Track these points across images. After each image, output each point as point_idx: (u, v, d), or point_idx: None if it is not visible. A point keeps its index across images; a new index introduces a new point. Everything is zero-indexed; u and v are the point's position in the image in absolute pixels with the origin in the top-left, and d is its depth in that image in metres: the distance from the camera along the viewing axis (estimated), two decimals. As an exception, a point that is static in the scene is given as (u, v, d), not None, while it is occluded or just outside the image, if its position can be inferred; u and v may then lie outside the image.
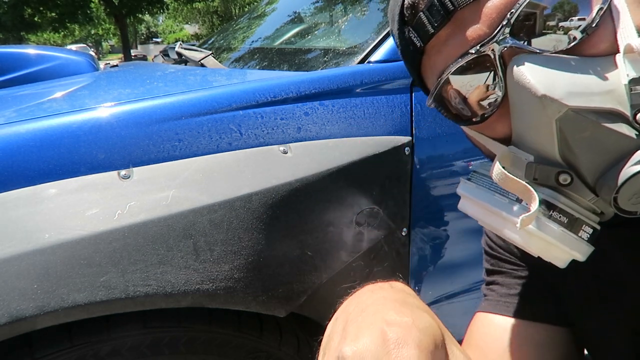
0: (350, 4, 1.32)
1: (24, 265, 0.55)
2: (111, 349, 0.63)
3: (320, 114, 0.78)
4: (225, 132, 0.73)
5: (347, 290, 0.47)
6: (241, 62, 1.29)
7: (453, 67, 0.40)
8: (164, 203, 0.63)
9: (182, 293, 0.60)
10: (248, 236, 0.65)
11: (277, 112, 0.77)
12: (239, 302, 0.65)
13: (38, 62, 1.58)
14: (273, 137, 0.75)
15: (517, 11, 0.36)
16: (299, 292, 0.68)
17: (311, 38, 1.24)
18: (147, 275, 0.59)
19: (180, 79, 1.10)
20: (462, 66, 0.40)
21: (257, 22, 1.70)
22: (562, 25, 0.37)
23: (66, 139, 0.66)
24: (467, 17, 0.39)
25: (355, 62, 0.90)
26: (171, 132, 0.70)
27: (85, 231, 0.58)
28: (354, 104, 0.81)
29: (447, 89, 0.43)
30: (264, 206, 0.66)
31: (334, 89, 0.81)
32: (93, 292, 0.56)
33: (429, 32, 0.41)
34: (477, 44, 0.38)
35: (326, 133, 0.78)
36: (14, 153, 0.64)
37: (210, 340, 0.70)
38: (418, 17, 0.42)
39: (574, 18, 0.37)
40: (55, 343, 0.61)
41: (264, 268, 0.66)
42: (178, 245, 0.61)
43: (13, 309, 0.53)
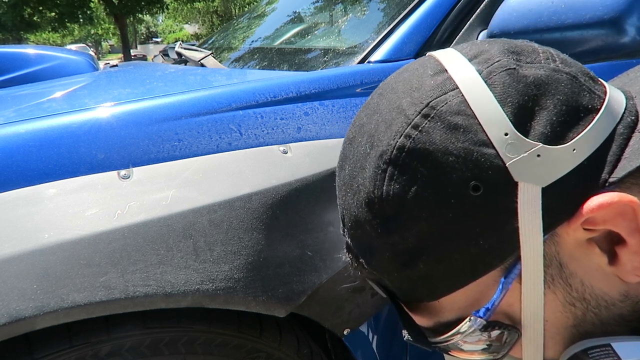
0: (350, 4, 1.32)
1: (24, 266, 0.55)
2: (111, 349, 0.63)
3: (320, 114, 0.78)
4: (225, 132, 0.73)
5: (347, 290, 0.46)
6: (241, 62, 1.29)
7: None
8: (164, 203, 0.63)
9: (182, 293, 0.60)
10: (248, 236, 0.65)
11: (277, 112, 0.76)
12: (239, 302, 0.65)
13: (37, 62, 1.58)
14: (273, 137, 0.75)
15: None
16: (299, 292, 0.68)
17: (311, 38, 1.24)
18: (146, 275, 0.59)
19: (180, 78, 1.10)
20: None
21: (257, 22, 1.70)
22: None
23: (66, 139, 0.66)
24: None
25: (355, 62, 0.90)
26: (171, 132, 0.70)
27: (85, 231, 0.58)
28: (354, 104, 0.81)
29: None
30: (264, 206, 0.66)
31: (334, 89, 0.81)
32: (93, 292, 0.56)
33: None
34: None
35: (326, 133, 0.77)
36: (14, 153, 0.64)
37: (210, 340, 0.70)
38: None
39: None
40: (54, 343, 0.61)
41: (264, 268, 0.66)
42: (178, 246, 0.61)
43: (12, 309, 0.53)
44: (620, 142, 0.35)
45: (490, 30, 0.87)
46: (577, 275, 0.37)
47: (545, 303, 0.37)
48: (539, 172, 0.34)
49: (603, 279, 0.36)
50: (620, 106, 0.37)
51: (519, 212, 0.34)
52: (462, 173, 0.34)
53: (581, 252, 0.36)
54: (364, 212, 0.39)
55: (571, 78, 0.36)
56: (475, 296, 0.38)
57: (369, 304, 0.78)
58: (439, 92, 0.36)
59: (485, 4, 0.92)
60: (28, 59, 1.59)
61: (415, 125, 0.36)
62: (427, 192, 0.35)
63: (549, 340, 0.39)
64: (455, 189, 0.35)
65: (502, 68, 0.36)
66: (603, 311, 0.38)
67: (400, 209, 0.36)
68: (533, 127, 0.34)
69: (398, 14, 0.93)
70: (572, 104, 0.35)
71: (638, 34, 0.79)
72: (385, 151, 0.37)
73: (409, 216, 0.36)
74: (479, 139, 0.34)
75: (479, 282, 0.37)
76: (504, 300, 0.37)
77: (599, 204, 0.34)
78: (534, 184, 0.34)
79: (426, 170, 0.35)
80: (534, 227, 0.34)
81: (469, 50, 0.39)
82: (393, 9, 0.99)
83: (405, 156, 0.36)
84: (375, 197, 0.37)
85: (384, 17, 1.02)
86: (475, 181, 0.34)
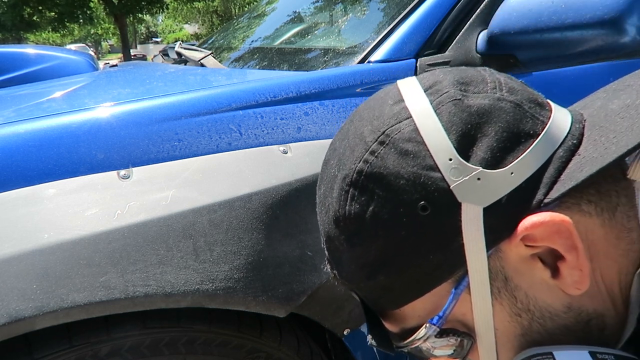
0: (350, 4, 1.32)
1: (23, 266, 0.55)
2: (110, 349, 0.63)
3: (320, 114, 0.78)
4: (225, 132, 0.73)
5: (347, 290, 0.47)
6: (241, 62, 1.29)
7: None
8: (164, 203, 0.62)
9: (182, 293, 0.60)
10: (248, 236, 0.65)
11: (277, 112, 0.76)
12: (239, 303, 0.65)
13: (37, 62, 1.58)
14: (273, 137, 0.75)
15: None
16: (299, 292, 0.68)
17: (311, 38, 1.24)
18: (146, 275, 0.59)
19: (180, 78, 1.10)
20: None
21: (257, 22, 1.70)
22: None
23: (65, 139, 0.66)
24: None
25: (355, 62, 0.90)
26: (171, 132, 0.70)
27: (84, 231, 0.58)
28: (354, 104, 0.81)
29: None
30: (264, 206, 0.66)
31: (334, 88, 0.81)
32: (92, 292, 0.56)
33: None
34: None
35: (326, 133, 0.77)
36: (14, 153, 0.64)
37: (210, 340, 0.70)
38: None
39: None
40: (54, 343, 0.61)
41: (263, 268, 0.66)
42: (178, 246, 0.61)
43: (12, 309, 0.53)
44: (558, 165, 0.38)
45: (490, 30, 0.87)
46: (522, 288, 0.40)
47: (494, 313, 0.40)
48: (480, 194, 0.37)
49: (547, 291, 0.39)
50: (563, 130, 0.40)
51: (463, 230, 0.37)
52: (412, 195, 0.38)
53: (525, 266, 0.39)
54: (333, 229, 0.43)
55: (515, 106, 0.39)
56: (432, 305, 0.42)
57: (369, 304, 0.78)
58: (394, 120, 0.40)
59: (485, 4, 0.92)
60: (28, 58, 1.59)
61: (372, 151, 0.40)
62: (382, 211, 0.39)
63: (501, 347, 0.42)
64: (406, 209, 0.38)
65: (450, 99, 0.40)
66: (548, 322, 0.41)
67: (361, 226, 0.40)
68: (475, 152, 0.38)
69: (398, 14, 0.93)
70: (513, 131, 0.38)
71: (638, 34, 0.79)
72: (348, 174, 0.41)
73: (368, 233, 0.40)
74: (427, 164, 0.38)
75: (434, 292, 0.41)
76: (458, 309, 0.41)
77: (532, 223, 0.37)
78: (476, 204, 0.37)
79: (381, 191, 0.39)
80: (478, 243, 0.38)
81: (427, 80, 0.43)
82: (393, 9, 0.99)
83: (363, 179, 0.40)
84: (340, 215, 0.41)
85: (384, 17, 1.02)
86: (424, 202, 0.38)
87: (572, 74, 0.94)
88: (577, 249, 0.37)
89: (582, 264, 0.37)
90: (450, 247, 0.38)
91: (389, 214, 0.39)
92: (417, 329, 0.43)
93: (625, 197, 0.40)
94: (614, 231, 0.40)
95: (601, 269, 0.40)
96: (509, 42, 0.86)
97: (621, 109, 0.41)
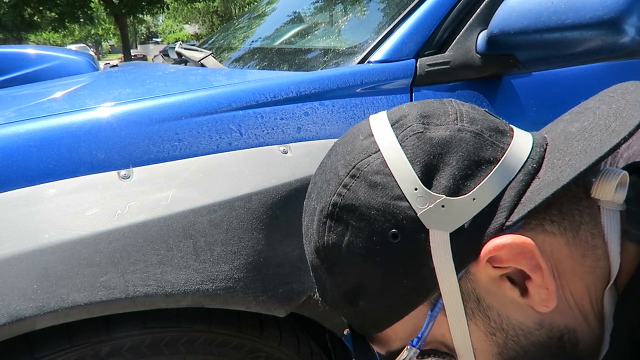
0: (350, 4, 1.32)
1: (24, 265, 0.55)
2: (111, 349, 0.63)
3: (320, 114, 0.78)
4: (225, 132, 0.73)
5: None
6: (241, 62, 1.29)
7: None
8: (164, 203, 0.63)
9: (182, 293, 0.60)
10: (248, 236, 0.65)
11: (277, 112, 0.76)
12: (239, 302, 0.65)
13: (38, 62, 1.59)
14: (273, 137, 0.75)
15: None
16: (299, 292, 0.68)
17: (311, 38, 1.24)
18: (147, 275, 0.59)
19: (180, 79, 1.10)
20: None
21: (257, 22, 1.70)
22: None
23: (66, 139, 0.66)
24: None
25: (355, 62, 0.90)
26: (171, 132, 0.70)
27: (85, 231, 0.58)
28: (354, 104, 0.81)
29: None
30: (264, 206, 0.66)
31: (334, 89, 0.81)
32: (93, 292, 0.56)
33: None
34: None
35: (326, 133, 0.77)
36: (14, 153, 0.64)
37: (210, 340, 0.70)
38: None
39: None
40: (54, 343, 0.61)
41: (264, 268, 0.66)
42: (178, 245, 0.61)
43: (13, 309, 0.53)
44: (518, 189, 0.40)
45: (490, 30, 0.87)
46: (494, 308, 0.41)
47: (470, 333, 0.42)
48: (445, 220, 0.39)
49: (518, 310, 0.41)
50: (523, 155, 0.41)
51: (433, 255, 0.39)
52: (383, 223, 0.40)
53: (495, 286, 0.41)
54: (315, 259, 0.45)
55: (475, 135, 0.41)
56: (412, 328, 0.43)
57: (369, 303, 0.78)
58: (364, 155, 0.42)
59: (485, 4, 0.92)
60: (28, 59, 1.59)
61: (345, 185, 0.42)
62: (357, 240, 0.41)
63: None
64: (378, 237, 0.40)
65: (413, 132, 0.42)
66: (522, 339, 0.42)
67: (339, 255, 0.42)
68: (438, 181, 0.40)
69: (398, 14, 0.93)
70: (473, 159, 0.40)
71: (638, 34, 0.79)
72: (324, 207, 0.43)
73: (346, 261, 0.42)
74: (395, 194, 0.40)
75: (412, 315, 0.43)
76: (437, 330, 0.43)
77: (494, 245, 0.38)
78: (442, 230, 0.39)
79: (355, 222, 0.41)
80: (447, 267, 0.39)
81: (394, 115, 0.45)
82: (393, 9, 0.99)
83: (338, 211, 0.42)
84: (319, 245, 0.44)
85: (384, 17, 1.02)
86: (394, 230, 0.40)
87: (572, 74, 0.94)
88: (542, 269, 0.38)
89: (547, 283, 0.39)
90: (422, 272, 0.40)
91: (363, 243, 0.41)
92: (401, 351, 0.44)
93: (588, 216, 0.41)
94: (578, 249, 0.41)
95: (569, 286, 0.41)
96: (508, 42, 0.87)
97: (578, 131, 0.42)
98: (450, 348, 0.43)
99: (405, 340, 0.44)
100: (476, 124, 0.42)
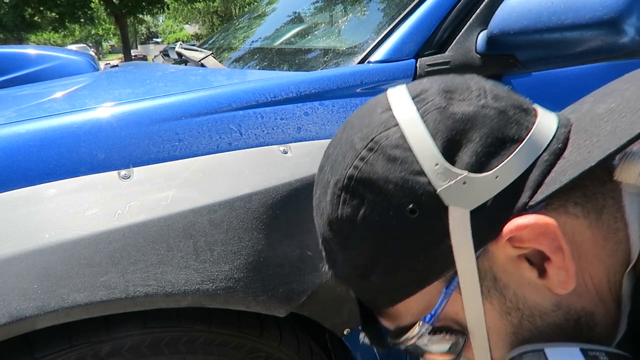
0: (350, 4, 1.32)
1: (24, 265, 0.55)
2: (111, 349, 0.63)
3: (320, 114, 0.78)
4: (225, 132, 0.73)
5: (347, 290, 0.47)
6: (241, 62, 1.29)
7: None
8: (164, 203, 0.63)
9: (182, 293, 0.60)
10: (248, 236, 0.65)
11: (277, 112, 0.77)
12: (239, 302, 0.65)
13: (38, 62, 1.59)
14: (273, 137, 0.75)
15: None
16: (299, 291, 0.68)
17: (311, 38, 1.24)
18: (147, 275, 0.59)
19: (181, 79, 1.10)
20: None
21: (257, 22, 1.70)
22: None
23: (66, 139, 0.66)
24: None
25: (355, 62, 0.90)
26: (171, 132, 0.70)
27: (85, 231, 0.58)
28: (354, 104, 0.81)
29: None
30: (264, 206, 0.66)
31: (334, 89, 0.81)
32: (93, 292, 0.56)
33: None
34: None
35: (326, 133, 0.77)
36: (14, 153, 0.64)
37: (210, 340, 0.70)
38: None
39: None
40: (55, 343, 0.61)
41: (264, 268, 0.66)
42: (178, 245, 0.61)
43: (13, 309, 0.53)
44: (543, 169, 0.39)
45: (490, 30, 0.87)
46: (511, 287, 0.41)
47: (484, 312, 0.42)
48: (466, 197, 0.38)
49: (535, 291, 0.41)
50: (548, 135, 0.41)
51: (451, 232, 0.39)
52: (400, 198, 0.39)
53: (513, 266, 0.40)
54: (327, 232, 0.45)
55: (499, 112, 0.40)
56: (425, 304, 0.43)
57: (369, 303, 0.78)
58: (382, 128, 0.41)
59: (485, 4, 0.92)
60: (29, 59, 1.59)
61: (362, 158, 0.41)
62: (372, 214, 0.41)
63: (494, 345, 0.44)
64: (395, 212, 0.40)
65: (434, 107, 0.41)
66: (537, 320, 0.42)
67: (353, 229, 0.42)
68: (460, 157, 0.39)
69: (398, 14, 0.93)
70: (497, 136, 0.39)
71: (637, 34, 0.79)
72: (339, 179, 0.42)
73: (360, 235, 0.42)
74: (414, 169, 0.39)
75: (426, 291, 0.42)
76: (450, 308, 0.42)
77: (516, 225, 0.38)
78: (462, 207, 0.38)
79: (371, 195, 0.40)
80: (466, 245, 0.39)
81: (414, 89, 0.44)
82: (393, 9, 1.00)
83: (354, 184, 0.41)
84: (333, 218, 0.43)
85: (384, 17, 1.02)
86: (412, 205, 0.39)
87: (572, 74, 0.94)
88: (563, 251, 0.38)
89: (567, 265, 0.38)
90: (439, 249, 0.40)
91: (379, 217, 0.40)
92: (412, 326, 0.44)
93: (611, 199, 0.41)
94: (601, 232, 0.40)
95: (589, 269, 0.41)
96: (508, 42, 0.87)
97: (606, 112, 0.42)
98: (463, 326, 0.43)
99: (417, 316, 0.44)
100: (500, 101, 0.41)
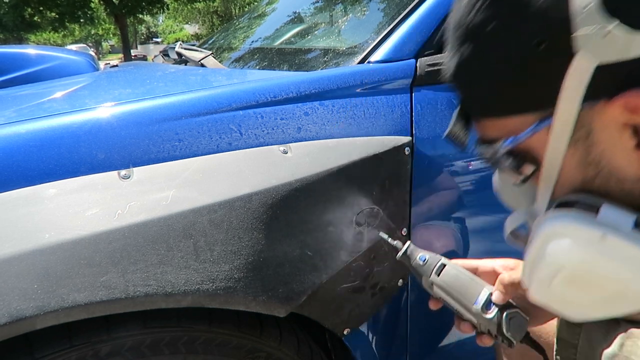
0: (350, 4, 1.32)
1: (24, 265, 0.55)
2: (111, 348, 0.63)
3: (320, 114, 0.78)
4: (225, 132, 0.73)
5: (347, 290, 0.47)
6: (241, 62, 1.29)
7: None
8: (164, 203, 0.63)
9: (182, 293, 0.60)
10: (248, 236, 0.65)
11: (277, 112, 0.77)
12: (239, 302, 0.65)
13: (38, 62, 1.59)
14: (273, 137, 0.75)
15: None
16: (299, 292, 0.68)
17: (311, 38, 1.24)
18: (147, 275, 0.59)
19: (181, 79, 1.10)
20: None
21: (257, 22, 1.70)
22: None
23: (66, 139, 0.66)
24: None
25: (355, 62, 0.90)
26: (171, 132, 0.70)
27: (85, 231, 0.58)
28: (354, 104, 0.81)
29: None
30: (264, 206, 0.66)
31: (334, 89, 0.81)
32: (93, 292, 0.56)
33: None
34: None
35: (326, 133, 0.78)
36: (14, 153, 0.64)
37: (210, 340, 0.70)
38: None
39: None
40: (55, 343, 0.61)
41: (264, 268, 0.66)
42: (178, 245, 0.61)
43: (13, 309, 0.53)
44: None
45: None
46: (600, 145, 0.41)
47: (565, 156, 0.43)
48: (602, 49, 0.36)
49: (625, 157, 0.41)
50: None
51: (567, 77, 0.38)
52: (534, 25, 0.39)
53: (614, 129, 0.40)
54: (459, 31, 0.45)
55: None
56: (513, 128, 0.45)
57: (368, 303, 0.78)
58: None
59: (485, 4, 0.92)
60: (29, 59, 1.60)
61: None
62: (501, 30, 0.41)
63: (559, 186, 0.45)
64: (524, 37, 0.39)
65: None
66: (612, 182, 0.43)
67: (480, 35, 0.43)
68: (621, 7, 0.35)
69: (398, 14, 0.93)
70: None
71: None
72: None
73: (484, 44, 0.43)
74: (562, 2, 0.37)
75: (518, 119, 0.44)
76: (534, 142, 0.44)
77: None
78: (592, 57, 0.37)
79: (507, 12, 0.40)
80: (576, 93, 0.39)
81: None
82: (393, 9, 1.00)
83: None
84: (465, 20, 0.44)
85: (384, 17, 1.02)
86: (542, 37, 0.38)
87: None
88: None
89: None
90: (549, 86, 0.40)
91: (507, 34, 0.41)
92: (496, 141, 0.47)
93: None
94: None
95: None
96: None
97: None
98: (537, 161, 0.45)
99: (502, 135, 0.46)
100: None
